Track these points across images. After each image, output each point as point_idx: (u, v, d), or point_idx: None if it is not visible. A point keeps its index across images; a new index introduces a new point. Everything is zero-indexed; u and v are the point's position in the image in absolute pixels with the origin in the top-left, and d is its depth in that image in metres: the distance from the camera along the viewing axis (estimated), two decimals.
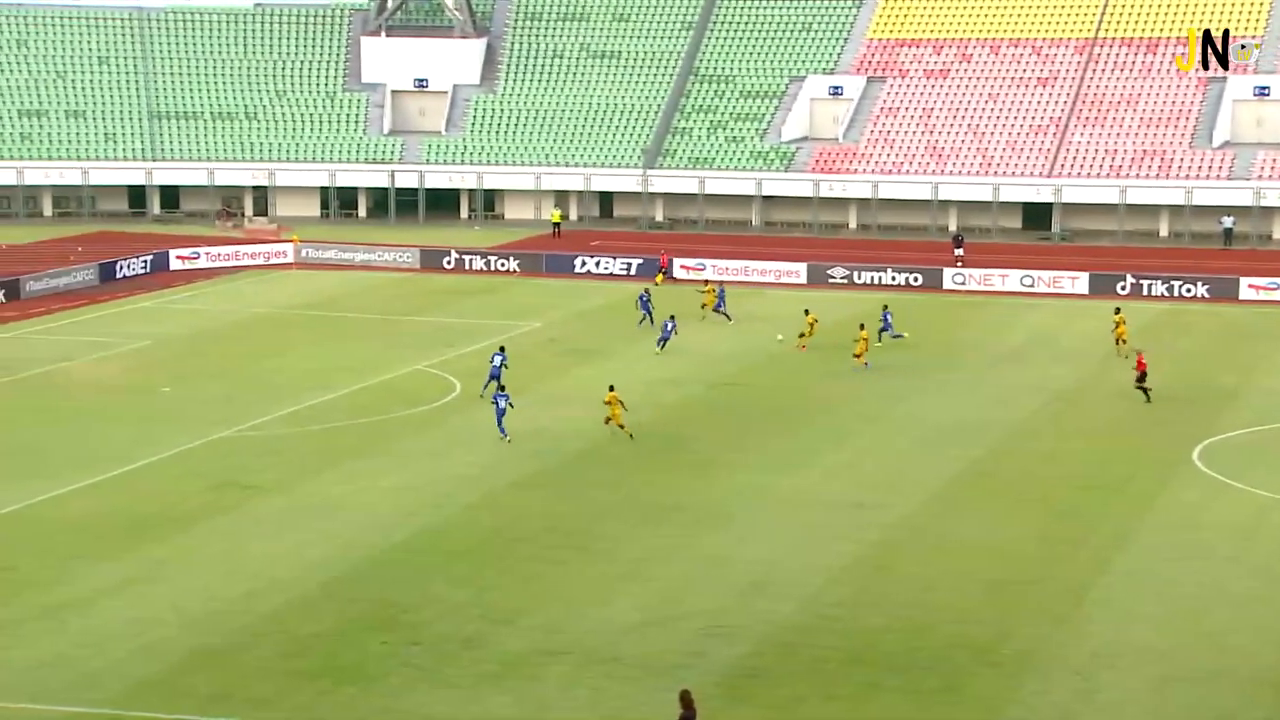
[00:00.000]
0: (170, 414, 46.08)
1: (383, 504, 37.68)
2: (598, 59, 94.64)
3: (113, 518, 36.09)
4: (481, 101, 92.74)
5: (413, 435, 44.13)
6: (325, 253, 75.99)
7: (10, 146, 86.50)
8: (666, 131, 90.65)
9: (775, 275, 72.48)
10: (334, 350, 55.36)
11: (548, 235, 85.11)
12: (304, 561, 33.49)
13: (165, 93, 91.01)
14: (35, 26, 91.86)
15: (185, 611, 30.59)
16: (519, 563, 33.69)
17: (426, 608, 30.98)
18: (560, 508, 37.56)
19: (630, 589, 32.26)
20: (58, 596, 31.14)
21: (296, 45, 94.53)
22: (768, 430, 44.96)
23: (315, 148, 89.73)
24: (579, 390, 49.76)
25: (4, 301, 63.55)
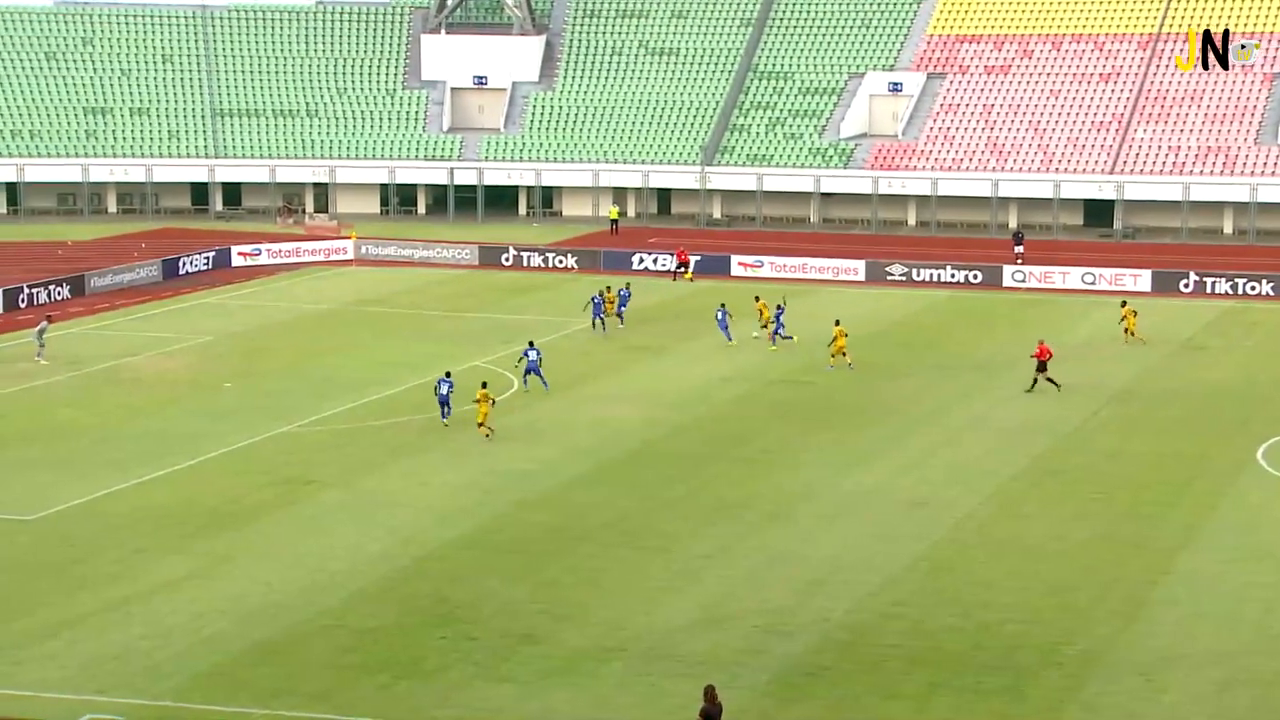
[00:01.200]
0: (232, 409, 46.37)
1: (441, 500, 37.73)
2: (656, 56, 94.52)
3: (177, 512, 36.34)
4: (540, 99, 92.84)
5: (471, 431, 44.13)
6: (384, 249, 76.31)
7: (76, 144, 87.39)
8: (725, 128, 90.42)
9: (833, 273, 72.13)
10: (393, 346, 55.54)
11: (606, 232, 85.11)
12: (364, 556, 33.57)
13: (228, 90, 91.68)
14: (100, 25, 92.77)
15: (246, 605, 30.75)
16: (578, 559, 33.63)
17: (484, 603, 30.97)
18: (619, 504, 37.47)
19: (690, 586, 32.13)
20: (123, 589, 31.37)
21: (357, 43, 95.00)
22: (829, 428, 44.70)
23: (375, 145, 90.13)
24: (637, 387, 49.73)
25: (69, 297, 64.23)
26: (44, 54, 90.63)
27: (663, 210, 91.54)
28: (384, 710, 26.41)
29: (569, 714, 26.43)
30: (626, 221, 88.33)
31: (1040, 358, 48.41)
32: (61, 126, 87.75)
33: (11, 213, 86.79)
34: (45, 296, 63.20)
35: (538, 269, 73.97)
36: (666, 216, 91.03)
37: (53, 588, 31.38)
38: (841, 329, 52.29)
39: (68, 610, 30.23)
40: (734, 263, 73.16)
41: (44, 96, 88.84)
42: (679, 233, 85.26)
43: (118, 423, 44.70)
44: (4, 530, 34.91)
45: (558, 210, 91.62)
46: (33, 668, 27.69)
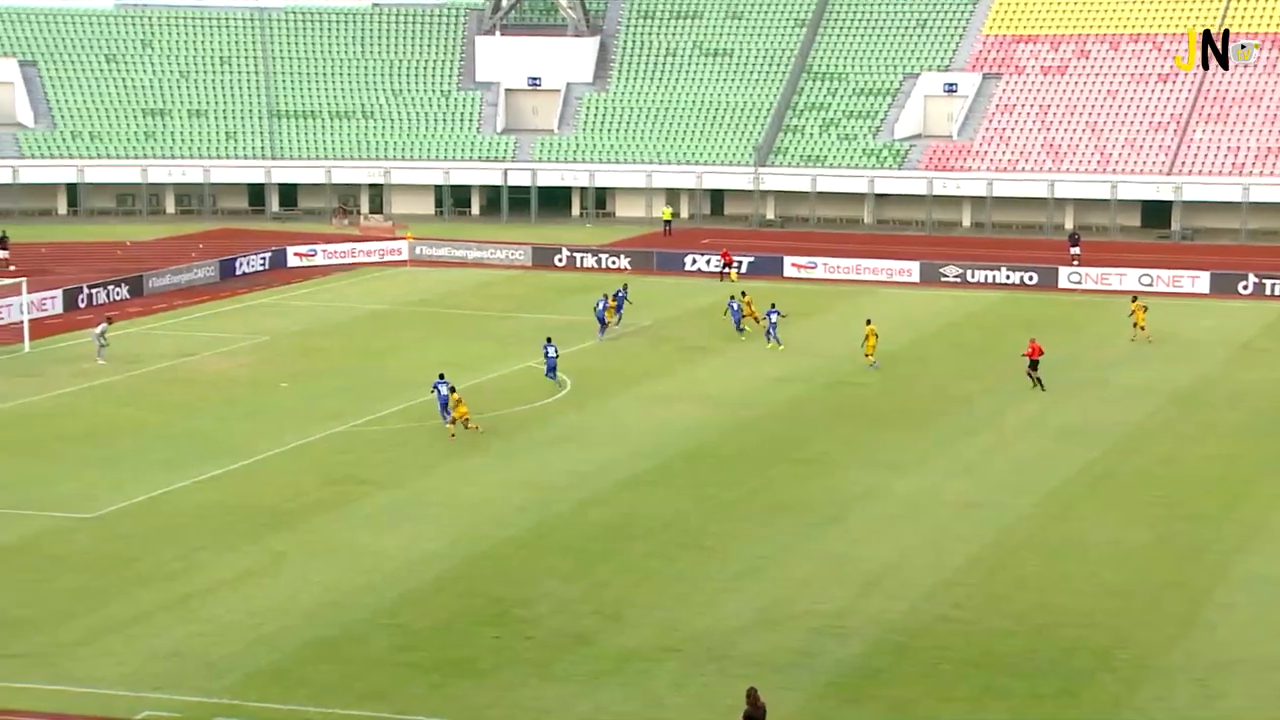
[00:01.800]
0: (288, 409, 46.70)
1: (495, 499, 37.84)
2: (710, 57, 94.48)
3: (234, 510, 36.64)
4: (594, 100, 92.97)
5: (525, 431, 44.29)
6: (439, 250, 76.65)
7: (135, 145, 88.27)
8: (778, 129, 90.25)
9: (887, 274, 71.83)
10: (447, 347, 55.76)
11: (659, 233, 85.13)
12: (418, 555, 33.72)
13: (285, 92, 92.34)
14: (159, 27, 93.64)
15: (302, 603, 30.95)
16: (632, 559, 33.64)
17: (539, 603, 31.04)
18: (673, 505, 37.45)
19: (744, 587, 32.08)
20: (182, 587, 31.65)
21: (412, 45, 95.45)
22: (884, 430, 44.52)
23: (430, 146, 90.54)
24: (691, 388, 49.71)
25: (128, 297, 64.86)
26: (104, 56, 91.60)
27: (716, 211, 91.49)
28: (438, 709, 26.51)
29: (622, 714, 26.44)
30: (680, 222, 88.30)
31: (1031, 356, 48.50)
32: (121, 128, 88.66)
33: (71, 213, 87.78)
34: (104, 297, 63.85)
35: (591, 269, 74.03)
36: (719, 217, 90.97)
37: (113, 585, 31.71)
38: (873, 328, 52.16)
39: (128, 607, 30.53)
40: (787, 264, 72.97)
41: (104, 98, 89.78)
42: (732, 234, 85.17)
43: (176, 422, 45.10)
44: (65, 528, 35.30)
45: (611, 211, 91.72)
46: (93, 664, 27.98)
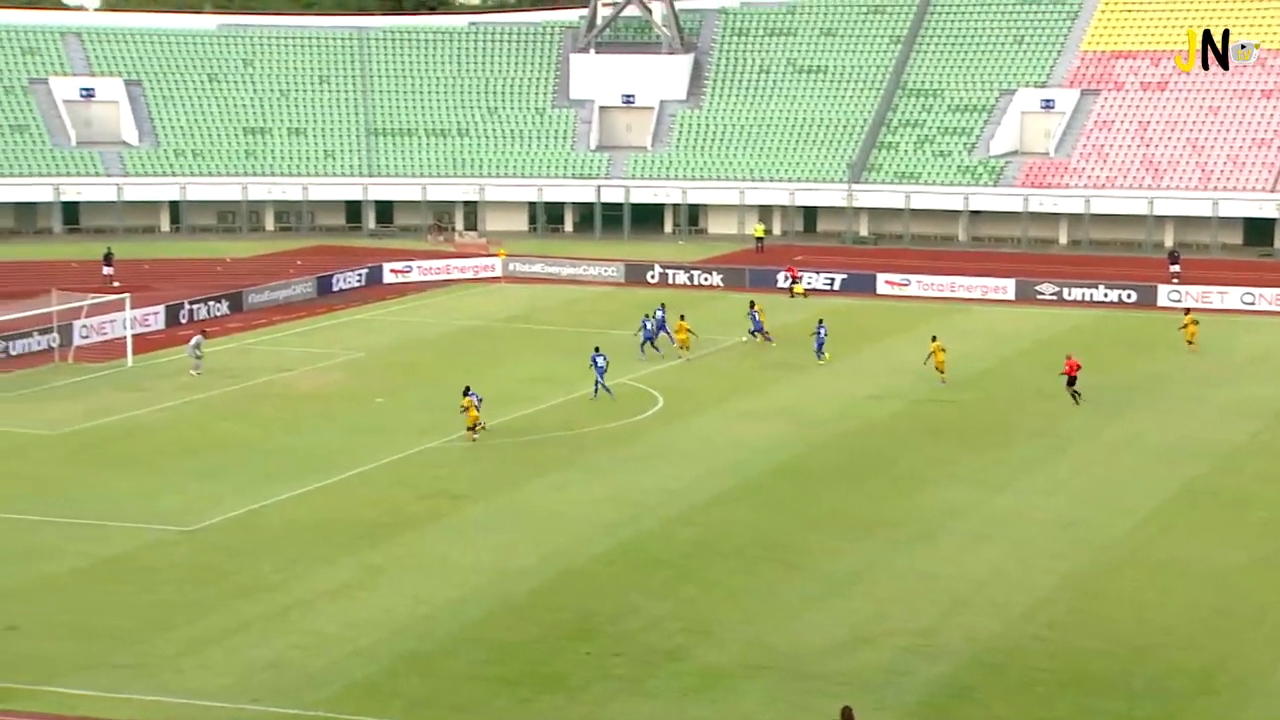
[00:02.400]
0: (383, 424, 47.20)
1: (586, 515, 37.98)
2: (804, 74, 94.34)
3: (331, 524, 37.10)
4: (687, 117, 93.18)
5: (616, 448, 44.41)
6: (532, 266, 77.12)
7: (235, 163, 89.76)
8: (872, 146, 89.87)
9: (982, 291, 71.25)
10: (540, 362, 56.08)
11: (751, 250, 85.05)
12: (509, 570, 33.94)
13: (382, 110, 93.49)
14: (260, 46, 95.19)
15: (396, 616, 31.27)
16: (721, 576, 33.62)
17: (628, 618, 31.11)
18: (763, 521, 37.41)
19: (834, 604, 31.97)
20: (280, 599, 32.11)
21: (508, 63, 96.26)
22: (975, 446, 44.18)
23: (524, 163, 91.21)
24: (780, 404, 49.61)
25: (228, 313, 65.94)
26: (206, 75, 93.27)
27: (809, 228, 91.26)
28: None
29: None
30: (772, 239, 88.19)
31: (1069, 373, 48.69)
32: (222, 146, 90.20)
33: (174, 230, 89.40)
34: (205, 312, 64.97)
35: (683, 286, 74.10)
36: (812, 234, 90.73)
37: (212, 597, 32.23)
38: (939, 344, 51.97)
39: (227, 619, 31.03)
40: (880, 281, 72.60)
41: (206, 117, 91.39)
42: (825, 250, 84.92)
43: (274, 436, 45.77)
44: (165, 541, 35.95)
45: (704, 228, 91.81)
46: (193, 675, 28.45)
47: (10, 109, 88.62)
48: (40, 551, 34.80)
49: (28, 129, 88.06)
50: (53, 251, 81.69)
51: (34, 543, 35.41)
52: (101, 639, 29.93)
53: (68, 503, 38.54)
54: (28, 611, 31.21)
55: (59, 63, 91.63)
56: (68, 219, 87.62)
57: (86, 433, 45.80)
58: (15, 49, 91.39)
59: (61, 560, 34.25)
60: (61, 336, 56.63)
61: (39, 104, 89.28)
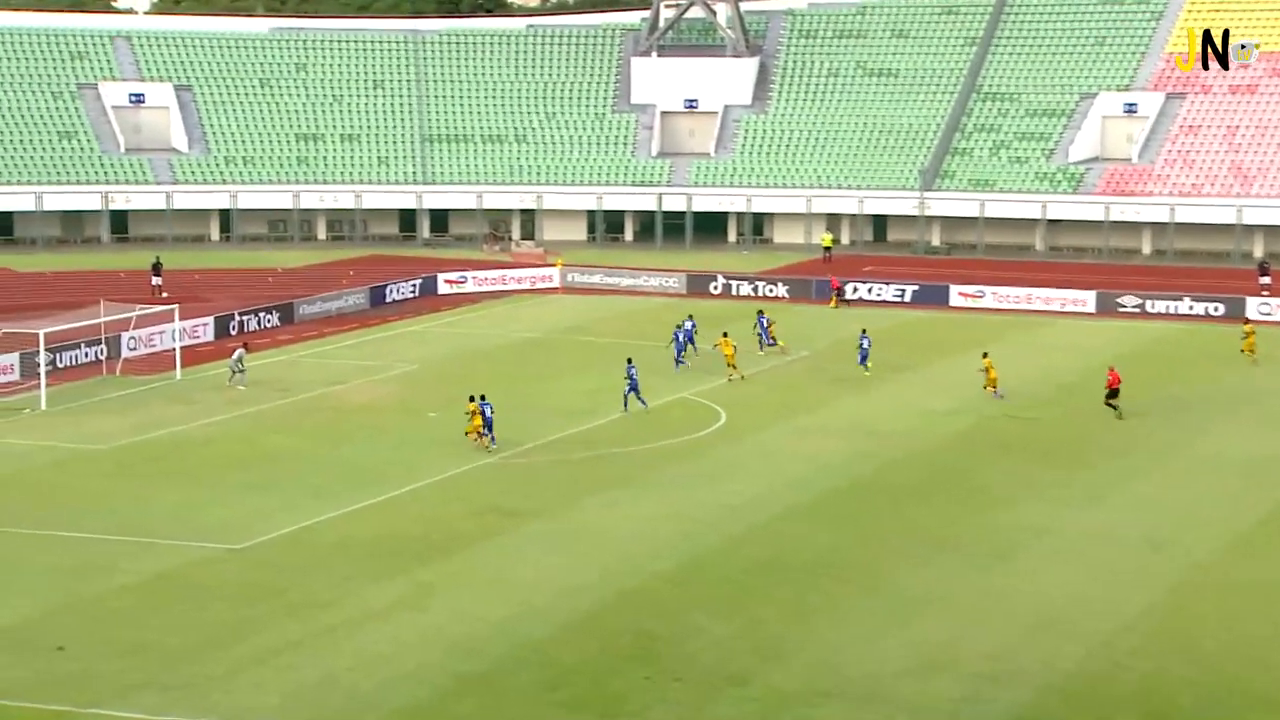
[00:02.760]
0: (437, 438, 47.38)
1: (646, 533, 37.95)
2: (874, 77, 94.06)
3: (382, 541, 37.27)
4: (752, 122, 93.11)
5: (677, 464, 44.37)
6: (591, 277, 77.23)
7: (287, 170, 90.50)
8: (945, 152, 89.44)
9: (1060, 304, 70.68)
10: (598, 376, 56.10)
11: (818, 260, 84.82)
12: (566, 589, 33.94)
13: (437, 116, 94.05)
14: (313, 50, 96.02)
15: (450, 636, 31.34)
16: (788, 596, 33.49)
17: (690, 640, 31.01)
18: (831, 540, 37.27)
19: (906, 626, 31.77)
20: (331, 618, 32.27)
21: (567, 66, 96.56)
22: (1054, 463, 43.82)
23: (583, 170, 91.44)
24: (848, 419, 49.41)
25: (279, 324, 66.46)
26: (258, 80, 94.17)
27: (878, 238, 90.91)
28: None
29: None
30: (840, 249, 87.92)
31: (1110, 386, 48.83)
32: (274, 153, 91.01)
33: (224, 239, 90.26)
34: (255, 324, 65.52)
35: (747, 298, 73.97)
36: (882, 244, 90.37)
37: (261, 615, 32.43)
38: (989, 360, 52.03)
39: (276, 638, 31.21)
40: (953, 293, 72.20)
41: (257, 123, 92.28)
42: (895, 261, 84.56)
43: (325, 450, 46.05)
44: (214, 558, 36.24)
45: (769, 237, 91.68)
46: (243, 695, 28.64)
47: (58, 115, 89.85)
48: (88, 569, 35.17)
49: (76, 136, 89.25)
50: (101, 261, 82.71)
51: (81, 560, 35.80)
52: (150, 658, 30.18)
53: (115, 519, 38.94)
54: (75, 631, 31.53)
55: (108, 67, 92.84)
56: (116, 228, 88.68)
57: (134, 447, 46.27)
58: (64, 53, 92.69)
59: (109, 578, 34.59)
60: (109, 348, 57.29)
61: (87, 110, 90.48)
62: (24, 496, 41.05)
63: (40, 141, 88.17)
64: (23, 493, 41.41)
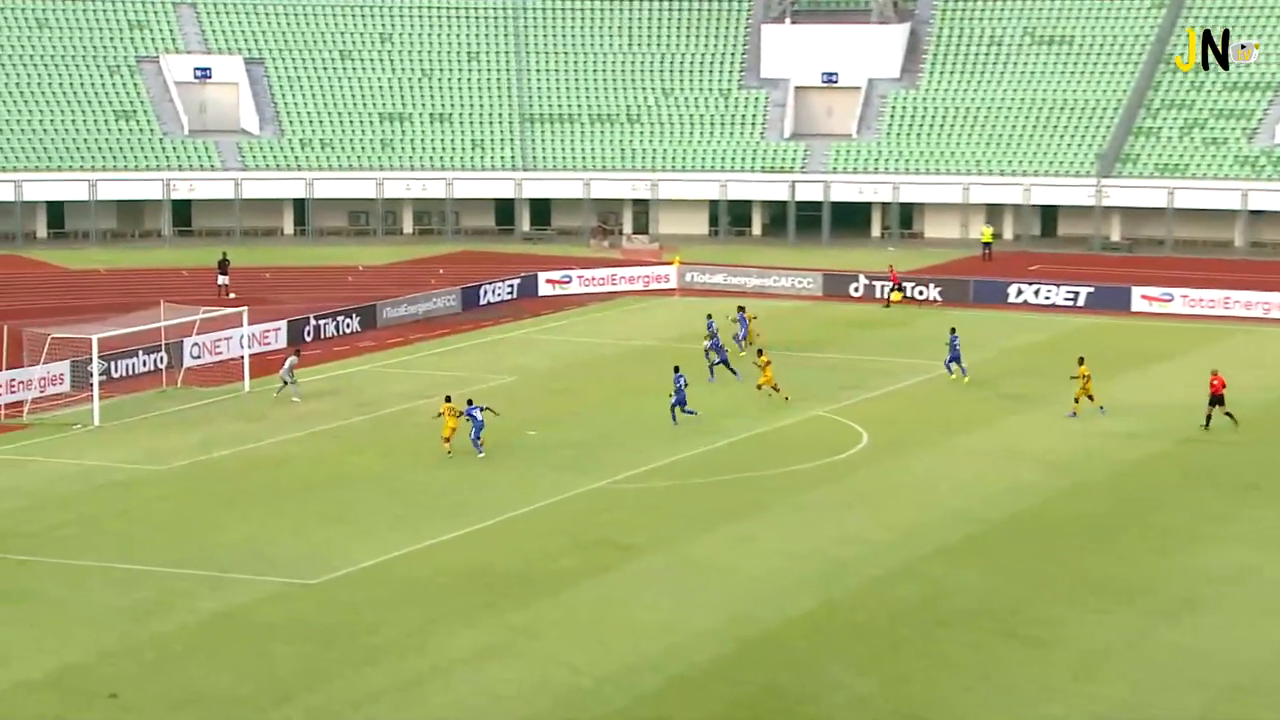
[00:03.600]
0: (536, 461, 47.57)
1: (777, 571, 37.83)
2: (1044, 45, 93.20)
3: (474, 577, 37.46)
4: (900, 98, 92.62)
5: (813, 491, 44.18)
6: (713, 277, 77.26)
7: (370, 155, 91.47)
8: (1127, 133, 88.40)
9: (1264, 309, 69.62)
10: (720, 391, 56.03)
11: (976, 257, 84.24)
12: (685, 635, 33.89)
13: (539, 93, 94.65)
14: (399, 19, 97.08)
15: (551, 688, 31.39)
16: (941, 648, 33.23)
17: (827, 697, 30.85)
18: (993, 583, 36.94)
19: (1080, 686, 31.40)
20: (416, 665, 32.47)
21: (687, 37, 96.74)
22: (1258, 498, 43.24)
23: (704, 155, 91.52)
24: (1013, 443, 48.94)
25: (359, 330, 67.21)
26: (338, 52, 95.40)
27: (1047, 231, 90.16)
28: None
29: None
30: (1002, 245, 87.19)
31: (1215, 391, 49.34)
32: (355, 135, 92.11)
33: (299, 232, 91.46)
34: (333, 329, 66.31)
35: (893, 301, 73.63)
36: (1051, 239, 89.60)
37: (336, 661, 32.71)
38: (1085, 368, 51.74)
39: (353, 688, 31.45)
40: (1135, 296, 71.50)
41: (336, 101, 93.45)
42: (1067, 259, 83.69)
43: (410, 474, 46.42)
44: (286, 595, 36.63)
45: (918, 231, 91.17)
46: None
47: (114, 93, 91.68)
48: (145, 606, 35.73)
49: (134, 115, 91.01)
50: (161, 258, 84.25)
51: (138, 596, 36.37)
52: (211, 709, 30.56)
53: (176, 550, 39.52)
54: (130, 676, 32.00)
55: (170, 38, 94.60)
56: (178, 220, 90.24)
57: (197, 468, 46.97)
58: (121, 22, 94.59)
59: (168, 616, 35.10)
60: (170, 356, 58.22)
61: (147, 86, 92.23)
62: (75, 524, 41.83)
63: (94, 122, 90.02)
64: (73, 519, 42.19)
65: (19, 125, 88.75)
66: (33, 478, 45.97)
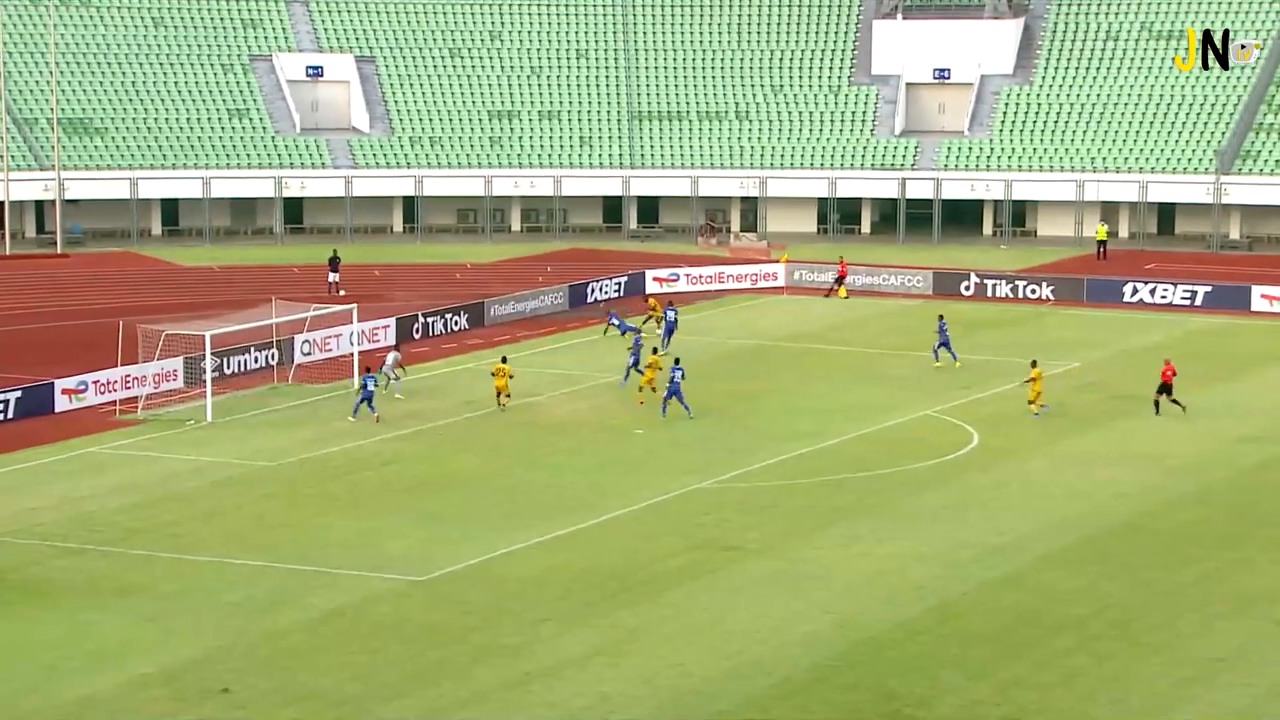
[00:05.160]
0: (643, 459, 47.62)
1: (885, 574, 37.64)
2: (1162, 40, 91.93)
3: (581, 577, 37.55)
4: (1014, 94, 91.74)
5: (923, 493, 43.90)
6: (822, 275, 76.93)
7: (479, 153, 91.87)
8: (1248, 129, 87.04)
9: None
10: (829, 390, 55.82)
11: (1091, 256, 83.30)
12: (792, 638, 33.81)
13: (647, 90, 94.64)
14: (509, 16, 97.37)
15: (658, 689, 31.41)
16: (1055, 655, 32.92)
17: (938, 702, 30.67)
18: (1108, 589, 36.57)
19: (1198, 694, 31.05)
20: (524, 665, 32.60)
21: (797, 32, 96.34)
22: None
23: (813, 152, 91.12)
24: (1127, 446, 48.38)
25: (467, 327, 67.53)
26: (447, 50, 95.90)
27: (1164, 229, 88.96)
28: None
29: None
30: (1117, 243, 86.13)
31: (1165, 380, 50.46)
32: (464, 133, 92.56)
33: (407, 230, 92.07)
34: (441, 326, 66.69)
35: (1005, 300, 73.02)
36: (1169, 237, 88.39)
37: (444, 660, 32.91)
38: (1038, 370, 51.79)
39: (461, 687, 31.63)
40: (1255, 295, 70.43)
41: (446, 99, 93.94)
42: (1185, 257, 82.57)
43: (516, 472, 46.61)
44: (394, 591, 36.91)
45: (1031, 229, 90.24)
46: None
47: (228, 91, 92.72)
48: (257, 602, 36.13)
49: (247, 114, 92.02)
50: (273, 255, 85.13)
51: (250, 592, 36.79)
52: (320, 707, 30.83)
53: (286, 546, 39.95)
54: (242, 672, 32.38)
55: (283, 37, 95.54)
56: (290, 217, 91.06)
57: (307, 465, 47.45)
58: (234, 21, 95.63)
59: (280, 613, 35.47)
60: (281, 353, 58.83)
61: (260, 85, 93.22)
62: (187, 519, 42.38)
63: (208, 121, 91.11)
64: (186, 515, 42.75)
65: (134, 123, 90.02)
66: (147, 473, 46.63)
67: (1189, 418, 51.33)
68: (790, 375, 58.66)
